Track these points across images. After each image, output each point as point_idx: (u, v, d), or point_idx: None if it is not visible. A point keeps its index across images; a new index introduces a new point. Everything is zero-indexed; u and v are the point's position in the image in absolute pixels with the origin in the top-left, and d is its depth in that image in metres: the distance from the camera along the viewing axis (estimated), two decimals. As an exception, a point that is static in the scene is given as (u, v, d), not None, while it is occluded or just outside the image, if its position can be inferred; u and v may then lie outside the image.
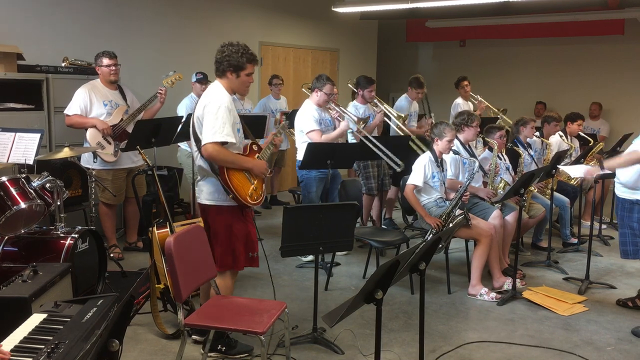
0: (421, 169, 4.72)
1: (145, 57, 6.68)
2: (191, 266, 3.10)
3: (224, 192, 3.42)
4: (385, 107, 6.01)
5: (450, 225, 4.42)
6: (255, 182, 3.52)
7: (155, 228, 4.11)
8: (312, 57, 9.40)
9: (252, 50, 3.55)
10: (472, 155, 5.19)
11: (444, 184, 4.87)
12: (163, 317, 3.91)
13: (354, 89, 6.10)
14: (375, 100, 6.02)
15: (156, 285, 3.91)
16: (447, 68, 11.15)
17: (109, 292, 3.98)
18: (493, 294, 4.56)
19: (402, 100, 6.66)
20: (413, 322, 4.09)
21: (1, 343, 1.91)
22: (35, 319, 2.11)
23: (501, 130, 5.38)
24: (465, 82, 7.54)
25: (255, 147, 3.65)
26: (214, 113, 3.32)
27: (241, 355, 3.53)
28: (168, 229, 4.05)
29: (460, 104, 7.37)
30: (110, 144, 5.12)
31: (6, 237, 3.91)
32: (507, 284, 4.67)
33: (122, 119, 5.16)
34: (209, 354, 3.41)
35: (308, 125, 5.17)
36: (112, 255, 5.03)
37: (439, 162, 4.81)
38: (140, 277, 4.62)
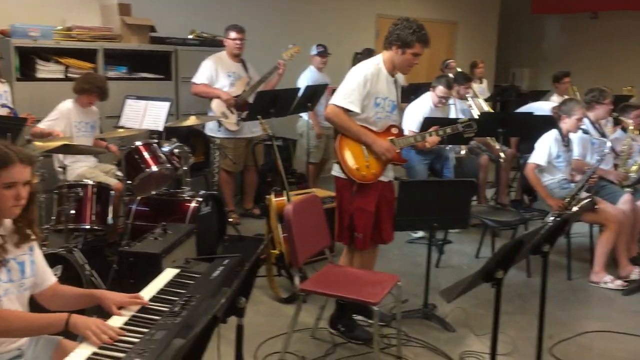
0: (545, 148, 4.49)
1: (264, 31, 6.81)
2: (307, 234, 3.17)
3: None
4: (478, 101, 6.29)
5: (575, 208, 4.18)
6: (370, 160, 3.32)
7: (272, 196, 4.25)
8: (429, 30, 9.07)
9: (427, 32, 3.41)
10: (603, 135, 4.85)
11: (570, 164, 4.60)
12: (277, 281, 4.05)
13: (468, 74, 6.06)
14: (469, 96, 6.15)
15: (271, 251, 4.06)
16: (576, 42, 10.44)
17: (227, 254, 4.19)
18: (618, 282, 4.29)
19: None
20: (529, 306, 3.95)
21: (141, 293, 2.07)
22: (169, 273, 2.27)
23: (638, 109, 4.97)
24: (568, 79, 6.97)
25: (394, 130, 3.44)
26: (349, 78, 3.31)
27: (356, 342, 3.40)
28: (285, 197, 4.17)
29: (557, 102, 6.83)
30: (233, 113, 5.34)
31: (139, 198, 4.21)
32: (635, 273, 4.36)
33: (244, 91, 5.35)
34: (331, 331, 3.46)
35: (411, 125, 5.15)
36: (230, 220, 5.26)
37: (566, 141, 4.55)
38: (259, 242, 4.84)
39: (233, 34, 5.33)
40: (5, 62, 4.71)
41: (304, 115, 6.12)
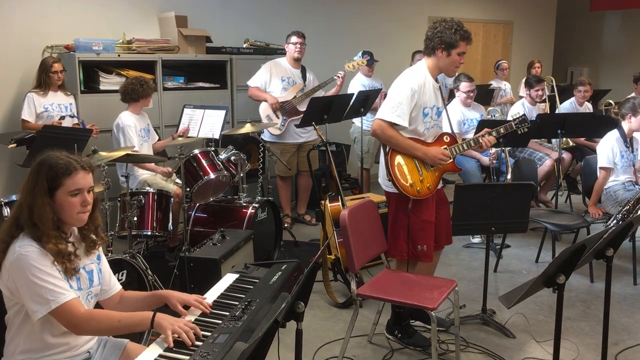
0: (607, 150, 4.36)
1: (315, 37, 6.85)
2: (364, 239, 3.18)
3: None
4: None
5: (640, 211, 4.04)
6: (425, 174, 3.25)
7: (327, 201, 4.29)
8: (483, 31, 9.02)
9: (467, 28, 3.24)
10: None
11: (634, 165, 4.44)
12: (333, 286, 4.07)
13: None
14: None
15: (327, 256, 4.08)
16: (637, 39, 10.04)
17: (284, 260, 4.25)
18: (688, 289, 4.11)
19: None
20: (592, 312, 3.84)
21: (205, 296, 2.13)
22: (229, 278, 2.33)
23: None
24: None
25: (446, 139, 3.35)
26: (395, 91, 3.22)
27: (413, 347, 3.35)
28: (340, 203, 4.19)
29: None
30: (278, 118, 5.41)
31: (197, 204, 4.33)
32: None
33: (294, 97, 5.42)
34: (388, 336, 3.44)
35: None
36: (285, 225, 5.33)
37: (628, 142, 4.39)
38: (314, 247, 4.87)
39: (294, 38, 5.42)
40: (70, 75, 4.93)
41: (357, 121, 6.13)
